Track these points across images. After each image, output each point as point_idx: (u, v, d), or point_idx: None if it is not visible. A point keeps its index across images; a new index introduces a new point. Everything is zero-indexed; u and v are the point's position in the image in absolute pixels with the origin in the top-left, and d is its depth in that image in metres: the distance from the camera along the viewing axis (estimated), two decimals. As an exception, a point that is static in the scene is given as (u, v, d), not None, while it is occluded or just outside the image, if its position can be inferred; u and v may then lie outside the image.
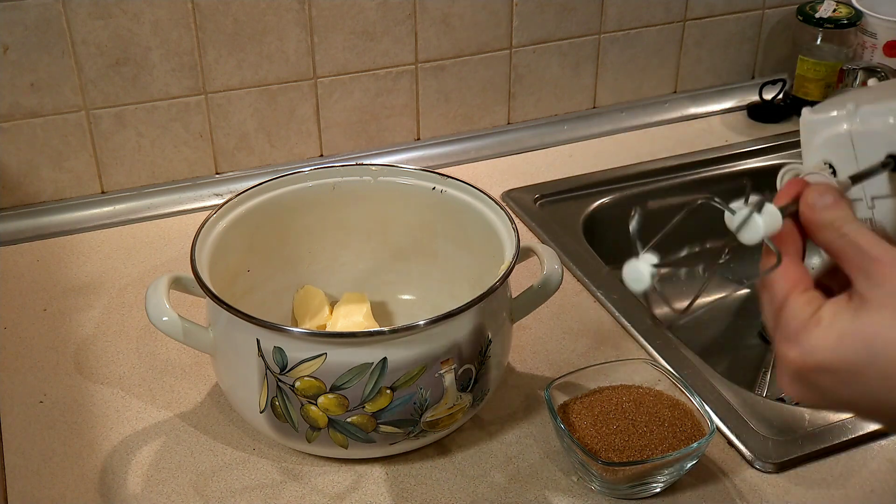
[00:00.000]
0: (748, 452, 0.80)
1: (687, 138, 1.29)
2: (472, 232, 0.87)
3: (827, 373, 0.51)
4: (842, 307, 0.52)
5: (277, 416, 0.76)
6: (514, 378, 0.89)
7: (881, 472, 0.79)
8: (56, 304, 0.98)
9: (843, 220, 0.53)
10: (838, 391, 0.52)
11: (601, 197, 1.16)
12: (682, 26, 1.31)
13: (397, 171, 0.90)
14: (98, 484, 0.78)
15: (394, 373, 0.73)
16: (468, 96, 1.24)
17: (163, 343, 0.92)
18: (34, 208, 1.11)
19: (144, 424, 0.84)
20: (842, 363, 0.51)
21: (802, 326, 0.52)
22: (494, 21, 1.20)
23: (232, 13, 1.08)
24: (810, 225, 0.54)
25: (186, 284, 0.80)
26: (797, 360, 0.52)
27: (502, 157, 1.25)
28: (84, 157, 1.11)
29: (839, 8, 1.29)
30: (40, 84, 1.05)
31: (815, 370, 0.52)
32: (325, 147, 1.20)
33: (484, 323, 0.77)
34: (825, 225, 0.53)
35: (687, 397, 0.80)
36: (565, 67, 1.27)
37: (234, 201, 0.85)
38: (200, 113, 1.13)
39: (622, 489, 0.76)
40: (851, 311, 0.51)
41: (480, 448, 0.82)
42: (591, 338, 0.94)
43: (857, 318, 0.51)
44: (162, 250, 1.07)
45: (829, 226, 0.53)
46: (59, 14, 1.03)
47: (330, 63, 1.15)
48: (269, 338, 0.73)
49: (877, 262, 0.51)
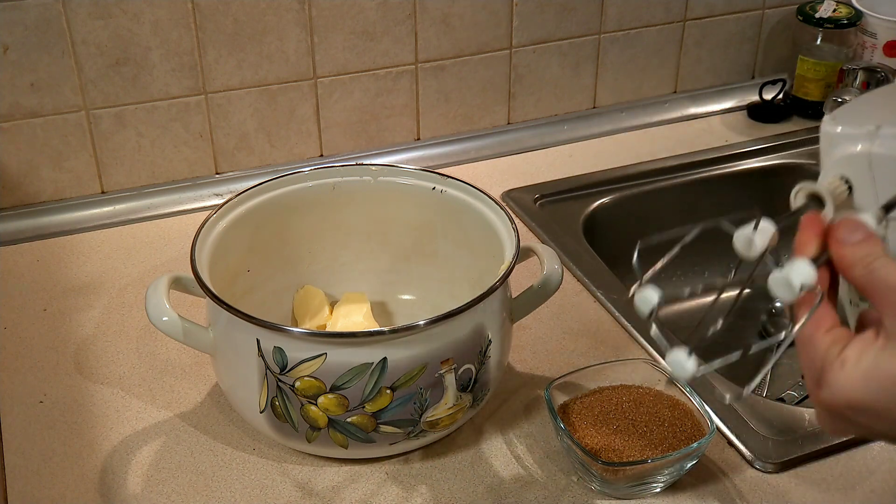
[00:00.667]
0: (748, 452, 0.80)
1: (687, 138, 1.29)
2: (472, 232, 0.87)
3: (857, 412, 0.51)
4: (868, 345, 0.51)
5: (277, 416, 0.76)
6: (514, 378, 0.89)
7: (881, 473, 0.79)
8: (56, 304, 0.98)
9: (874, 256, 0.52)
10: (873, 426, 0.52)
11: (601, 197, 1.16)
12: (682, 26, 1.31)
13: (397, 171, 0.90)
14: (98, 484, 0.78)
15: (394, 373, 0.73)
16: (468, 96, 1.24)
17: (163, 343, 0.92)
18: (34, 208, 1.11)
19: (144, 424, 0.84)
20: (871, 401, 0.50)
21: (829, 367, 0.52)
22: (494, 21, 1.20)
23: (232, 13, 1.08)
24: (841, 261, 0.53)
25: (186, 284, 0.80)
26: (826, 401, 0.52)
27: (502, 157, 1.25)
28: (84, 157, 1.11)
29: (839, 8, 1.29)
30: (40, 84, 1.05)
31: (846, 408, 0.51)
32: (325, 147, 1.20)
33: (484, 323, 0.77)
34: (856, 262, 0.52)
35: (687, 397, 0.80)
36: (565, 67, 1.27)
37: (234, 201, 0.85)
38: (200, 113, 1.13)
39: (622, 489, 0.76)
40: (878, 348, 0.51)
41: (480, 448, 0.82)
42: (591, 338, 0.94)
43: (882, 355, 0.50)
44: (162, 250, 1.07)
45: (860, 262, 0.52)
46: (59, 14, 1.03)
47: (330, 63, 1.15)
48: (269, 338, 0.73)
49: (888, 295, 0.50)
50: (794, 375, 1.11)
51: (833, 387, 0.51)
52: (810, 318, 0.53)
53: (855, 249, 0.53)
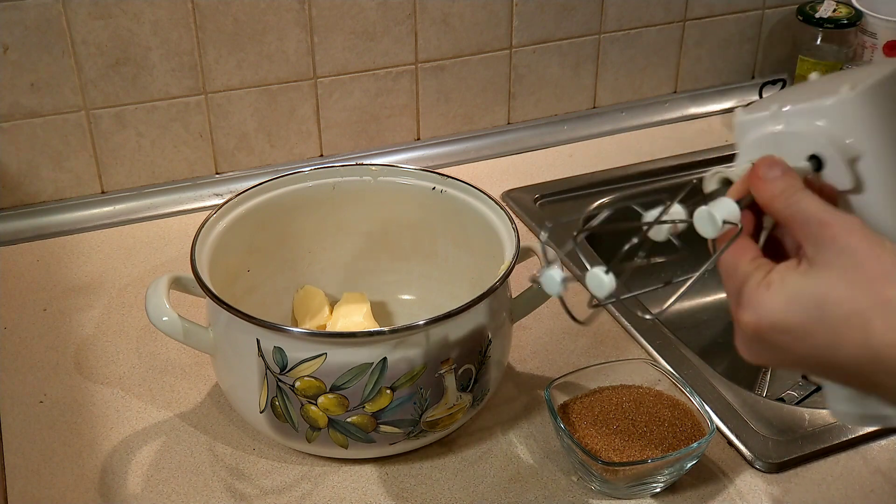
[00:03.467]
0: (748, 452, 0.80)
1: (687, 138, 1.29)
2: (472, 232, 0.87)
3: (780, 333, 0.53)
4: (791, 270, 0.53)
5: (277, 416, 0.76)
6: (514, 378, 0.89)
7: (881, 473, 0.79)
8: (56, 304, 0.98)
9: (793, 188, 0.55)
10: (792, 349, 0.53)
11: (601, 197, 1.16)
12: (682, 26, 1.31)
13: (397, 171, 0.90)
14: (98, 484, 0.78)
15: (394, 373, 0.73)
16: (468, 96, 1.24)
17: (163, 343, 0.92)
18: (34, 208, 1.11)
19: (144, 424, 0.84)
20: (793, 323, 0.52)
21: (754, 290, 0.54)
22: (494, 21, 1.20)
23: (232, 13, 1.08)
24: (761, 195, 0.56)
25: (186, 284, 0.80)
26: (751, 323, 0.54)
27: (502, 157, 1.25)
28: (84, 157, 1.11)
29: (839, 8, 1.29)
30: (40, 84, 1.05)
31: (768, 330, 0.53)
32: (325, 147, 1.20)
33: (484, 323, 0.77)
34: (775, 195, 0.55)
35: (687, 397, 0.80)
36: (565, 67, 1.27)
37: (234, 201, 0.85)
38: (200, 113, 1.13)
39: (622, 489, 0.76)
40: (800, 273, 0.53)
41: (480, 448, 0.82)
42: (591, 338, 0.94)
43: (805, 279, 0.52)
44: (162, 250, 1.07)
45: (780, 195, 0.55)
46: (59, 14, 1.03)
47: (330, 63, 1.15)
48: (269, 338, 0.73)
49: (824, 226, 0.52)
50: (793, 375, 1.11)
51: (758, 308, 0.53)
52: (733, 246, 0.56)
53: (775, 184, 0.55)
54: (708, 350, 1.14)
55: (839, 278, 0.51)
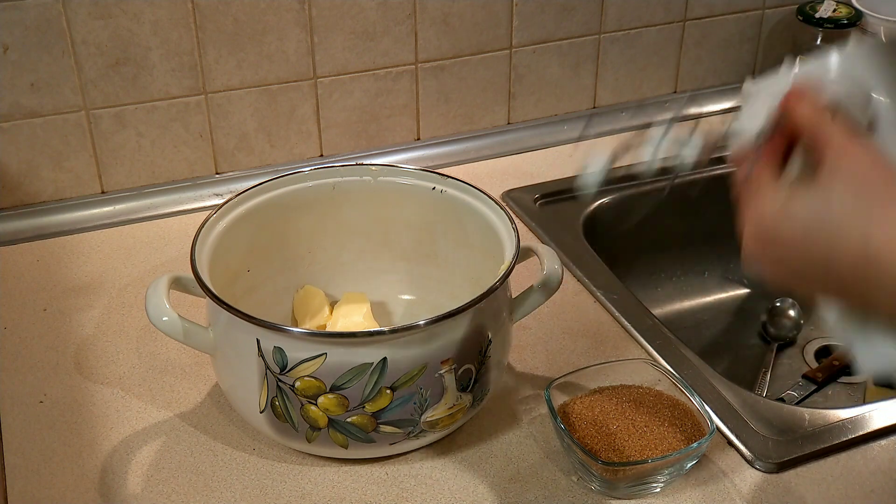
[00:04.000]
0: (748, 452, 0.80)
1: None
2: (472, 232, 0.87)
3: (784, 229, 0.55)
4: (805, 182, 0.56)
5: (277, 416, 0.76)
6: (514, 378, 0.89)
7: (881, 472, 0.79)
8: (56, 304, 0.98)
9: (824, 112, 0.57)
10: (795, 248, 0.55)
11: (601, 197, 1.16)
12: (682, 26, 1.31)
13: (397, 171, 0.90)
14: (98, 484, 0.78)
15: (394, 373, 0.73)
16: (468, 96, 1.24)
17: (163, 343, 0.92)
18: (34, 208, 1.11)
19: (144, 424, 0.84)
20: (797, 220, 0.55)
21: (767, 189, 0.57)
22: (494, 21, 1.20)
23: (232, 13, 1.08)
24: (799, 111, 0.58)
25: (186, 284, 0.80)
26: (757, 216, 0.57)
27: (502, 157, 1.25)
28: (84, 157, 1.11)
29: (839, 8, 1.29)
30: (40, 84, 1.05)
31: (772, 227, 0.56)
32: (325, 147, 1.20)
33: (484, 323, 0.77)
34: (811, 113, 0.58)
35: (687, 397, 0.80)
36: (565, 67, 1.27)
37: (234, 201, 0.85)
38: (200, 113, 1.13)
39: (622, 489, 0.76)
40: (813, 183, 0.55)
41: (480, 448, 0.82)
42: (591, 338, 0.94)
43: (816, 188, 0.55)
44: (162, 250, 1.07)
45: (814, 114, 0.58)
46: (59, 14, 1.03)
47: (330, 63, 1.15)
48: (269, 338, 0.73)
49: (827, 145, 0.55)
50: (793, 376, 1.11)
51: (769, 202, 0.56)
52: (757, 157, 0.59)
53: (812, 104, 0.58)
54: (708, 350, 1.14)
55: (846, 191, 0.53)
